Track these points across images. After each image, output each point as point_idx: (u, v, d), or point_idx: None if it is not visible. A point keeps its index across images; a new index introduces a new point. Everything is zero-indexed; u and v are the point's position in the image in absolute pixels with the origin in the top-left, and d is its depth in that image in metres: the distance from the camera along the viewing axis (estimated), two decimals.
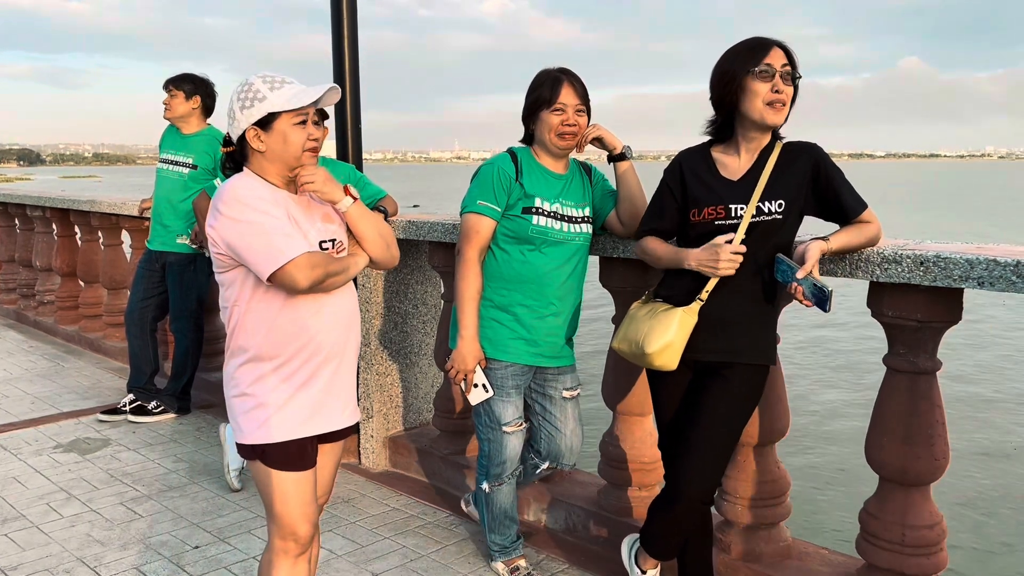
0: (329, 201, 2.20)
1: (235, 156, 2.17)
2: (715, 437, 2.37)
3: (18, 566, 3.14)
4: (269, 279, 2.03)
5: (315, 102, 2.10)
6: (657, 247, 2.50)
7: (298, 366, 2.15)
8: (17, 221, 8.02)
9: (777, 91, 2.25)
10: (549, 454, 2.90)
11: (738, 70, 2.26)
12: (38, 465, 4.22)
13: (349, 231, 2.26)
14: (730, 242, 2.29)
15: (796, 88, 2.30)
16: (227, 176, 2.18)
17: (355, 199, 2.21)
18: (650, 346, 2.36)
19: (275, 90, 2.07)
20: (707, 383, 2.41)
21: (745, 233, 2.30)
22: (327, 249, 2.17)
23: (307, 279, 2.04)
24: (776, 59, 2.25)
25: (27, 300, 7.87)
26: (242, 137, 2.11)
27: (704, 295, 2.34)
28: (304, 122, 2.10)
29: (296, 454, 2.17)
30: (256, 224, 2.02)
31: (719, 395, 2.38)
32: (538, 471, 2.98)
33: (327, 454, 2.33)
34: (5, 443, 4.55)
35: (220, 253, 2.09)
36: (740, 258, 2.27)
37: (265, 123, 2.07)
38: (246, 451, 2.19)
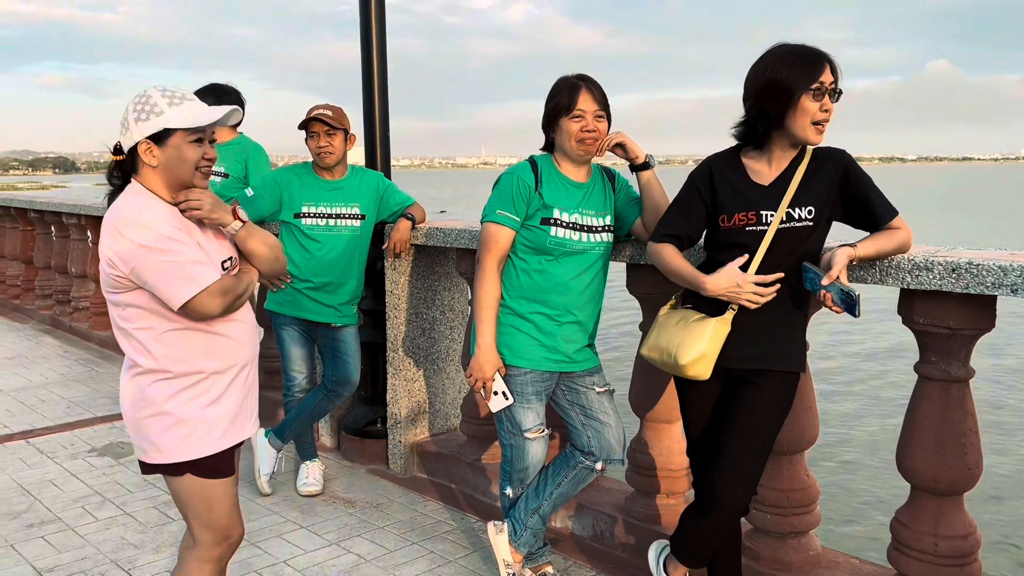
0: (219, 225, 2.17)
1: (124, 166, 2.10)
2: (751, 446, 2.35)
3: (54, 568, 3.20)
4: (180, 308, 2.02)
5: (215, 122, 2.07)
6: (674, 260, 2.43)
7: (215, 380, 2.15)
8: (53, 229, 8.19)
9: (825, 110, 2.21)
10: (602, 450, 2.84)
11: (793, 84, 2.19)
12: (73, 469, 4.30)
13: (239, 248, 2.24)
14: (744, 267, 2.29)
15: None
16: (114, 185, 2.12)
17: (244, 222, 2.19)
18: (684, 357, 2.34)
19: (174, 106, 2.05)
20: (740, 392, 2.39)
21: (773, 239, 2.29)
22: (227, 269, 2.16)
23: (220, 306, 2.05)
24: (827, 76, 2.20)
25: (62, 306, 8.02)
26: (133, 148, 2.06)
27: (736, 304, 2.33)
28: (200, 140, 2.08)
29: (221, 463, 2.19)
30: (166, 251, 1.99)
31: (753, 404, 2.36)
32: (595, 472, 2.90)
33: None
34: (41, 447, 4.64)
35: (119, 276, 2.02)
36: (768, 291, 2.26)
37: (160, 138, 2.04)
38: (169, 469, 2.14)
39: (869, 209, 2.29)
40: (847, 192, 2.30)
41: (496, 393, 2.76)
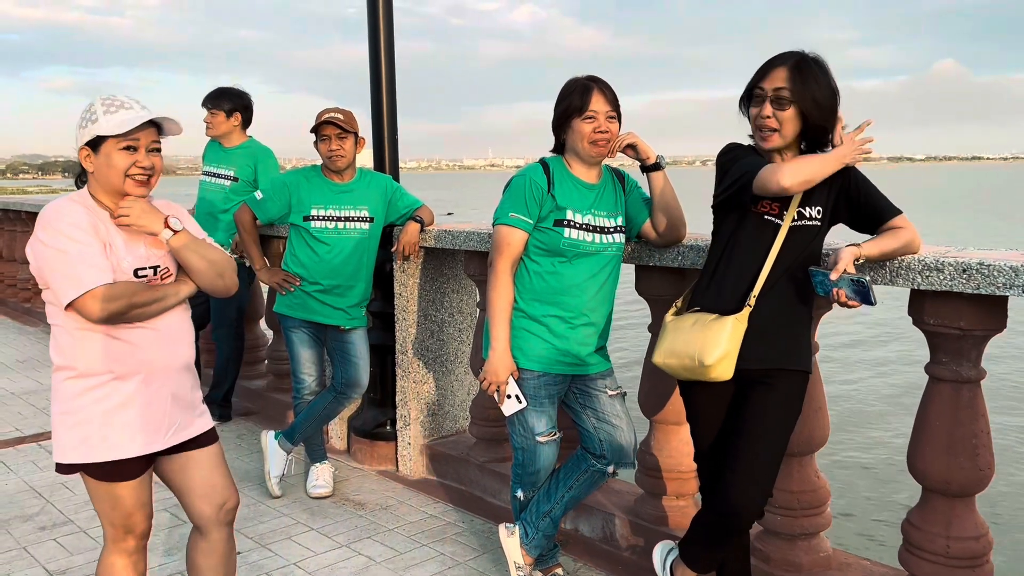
0: (149, 234, 2.17)
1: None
2: (765, 448, 2.32)
3: (67, 570, 3.22)
4: (67, 307, 2.05)
5: (138, 128, 2.09)
6: (804, 155, 2.32)
7: (117, 385, 2.14)
8: None
9: (766, 116, 2.28)
10: (613, 453, 2.84)
11: (746, 89, 2.36)
12: None
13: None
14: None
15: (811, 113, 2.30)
16: (79, 187, 2.22)
17: (175, 231, 2.18)
18: (709, 358, 2.30)
19: (109, 114, 2.09)
20: (751, 393, 2.37)
21: (784, 237, 2.31)
22: (145, 277, 2.15)
23: (103, 311, 2.03)
24: (771, 82, 2.28)
25: None
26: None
27: (752, 300, 2.31)
28: (132, 148, 2.10)
29: (119, 470, 2.17)
30: (62, 251, 2.03)
31: (765, 405, 2.34)
32: (606, 476, 2.89)
33: (199, 461, 2.31)
34: (53, 450, 4.66)
35: (34, 270, 2.11)
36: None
37: (95, 145, 2.10)
38: (64, 468, 2.19)
39: (872, 209, 2.32)
40: (850, 194, 2.33)
41: (509, 397, 2.76)
